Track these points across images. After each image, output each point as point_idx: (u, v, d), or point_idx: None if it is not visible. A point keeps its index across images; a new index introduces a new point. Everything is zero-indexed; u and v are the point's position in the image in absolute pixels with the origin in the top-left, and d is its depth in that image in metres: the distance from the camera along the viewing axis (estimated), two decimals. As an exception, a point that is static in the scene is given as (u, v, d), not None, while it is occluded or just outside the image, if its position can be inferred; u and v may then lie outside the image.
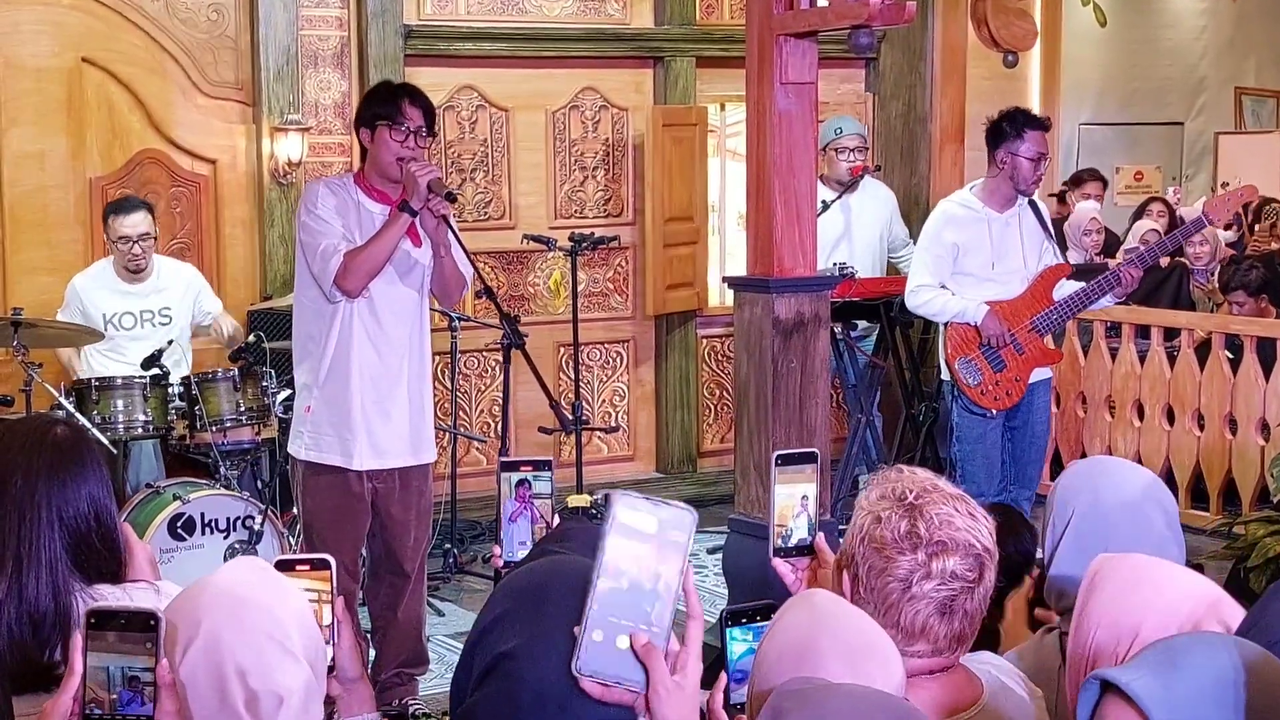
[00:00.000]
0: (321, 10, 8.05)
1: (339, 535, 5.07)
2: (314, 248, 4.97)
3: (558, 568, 2.14)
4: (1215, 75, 12.13)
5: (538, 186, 8.67)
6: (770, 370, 5.80)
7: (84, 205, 7.64)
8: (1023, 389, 6.47)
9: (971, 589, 2.34)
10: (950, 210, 6.54)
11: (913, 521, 2.33)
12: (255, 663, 2.04)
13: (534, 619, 2.05)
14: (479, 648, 2.08)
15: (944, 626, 2.34)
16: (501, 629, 2.06)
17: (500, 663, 2.03)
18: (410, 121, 4.98)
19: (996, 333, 6.38)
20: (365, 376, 5.06)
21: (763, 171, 5.84)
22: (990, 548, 2.36)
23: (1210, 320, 8.20)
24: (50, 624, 2.68)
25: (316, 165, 8.05)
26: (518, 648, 2.02)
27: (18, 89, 7.48)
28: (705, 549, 7.76)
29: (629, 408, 9.02)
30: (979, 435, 6.46)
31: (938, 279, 6.48)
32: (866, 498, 2.42)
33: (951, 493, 2.39)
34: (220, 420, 6.37)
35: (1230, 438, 7.70)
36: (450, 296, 5.24)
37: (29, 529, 2.71)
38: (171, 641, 2.05)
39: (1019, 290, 6.47)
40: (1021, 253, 6.48)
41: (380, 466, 5.12)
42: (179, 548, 6.12)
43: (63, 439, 2.80)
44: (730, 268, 9.06)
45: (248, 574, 2.16)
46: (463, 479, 7.75)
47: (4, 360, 6.97)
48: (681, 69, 8.85)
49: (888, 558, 2.34)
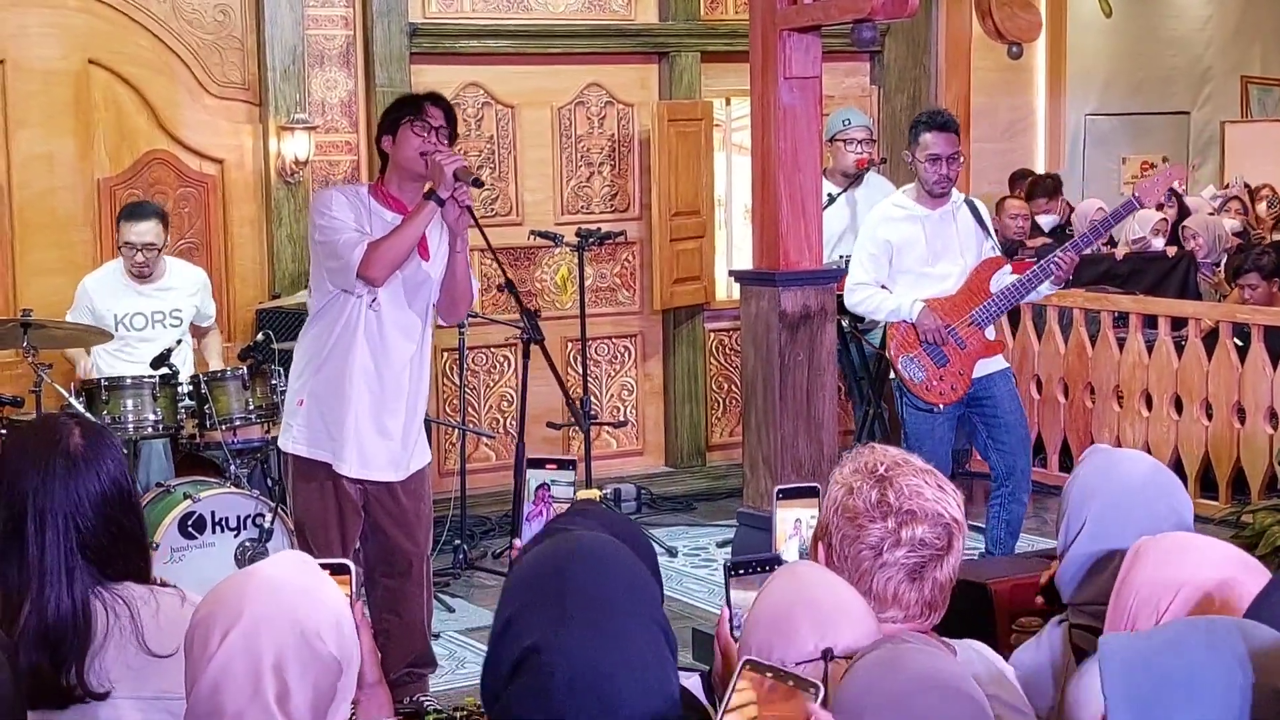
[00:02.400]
0: (327, 9, 8.08)
1: (329, 536, 5.04)
2: (333, 244, 4.91)
3: (568, 549, 2.11)
4: (1221, 64, 12.12)
5: (544, 183, 8.69)
6: (777, 363, 5.82)
7: (92, 206, 7.67)
8: (968, 382, 6.53)
9: (940, 557, 2.43)
10: (885, 210, 6.67)
11: (883, 491, 2.43)
12: (292, 657, 2.05)
13: (554, 606, 2.01)
14: (503, 645, 2.05)
15: (914, 593, 2.42)
16: (523, 622, 2.03)
17: (528, 657, 1.99)
18: (432, 119, 4.98)
19: (932, 328, 6.45)
20: (363, 388, 4.97)
21: (768, 166, 5.86)
22: (959, 518, 2.45)
23: (1217, 309, 8.21)
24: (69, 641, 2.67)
25: (323, 164, 8.07)
26: (542, 639, 1.99)
27: (25, 91, 7.50)
28: (715, 542, 7.78)
29: (637, 402, 9.03)
30: (927, 431, 6.52)
31: (874, 278, 6.57)
32: (840, 472, 2.52)
33: (921, 467, 2.48)
34: (230, 419, 6.39)
35: (1238, 427, 7.70)
36: (456, 307, 5.13)
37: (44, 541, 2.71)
38: (209, 626, 2.05)
39: (957, 284, 6.53)
40: (959, 248, 6.56)
41: (368, 478, 5.07)
42: (190, 546, 6.14)
43: (75, 449, 2.78)
44: (737, 261, 9.07)
45: (293, 569, 2.16)
46: (472, 475, 7.77)
47: (14, 361, 7.00)
48: (687, 64, 8.86)
49: (860, 526, 2.43)
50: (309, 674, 2.06)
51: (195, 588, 2.86)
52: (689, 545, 7.84)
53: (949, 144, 6.46)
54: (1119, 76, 11.49)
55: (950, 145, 6.46)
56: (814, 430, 5.88)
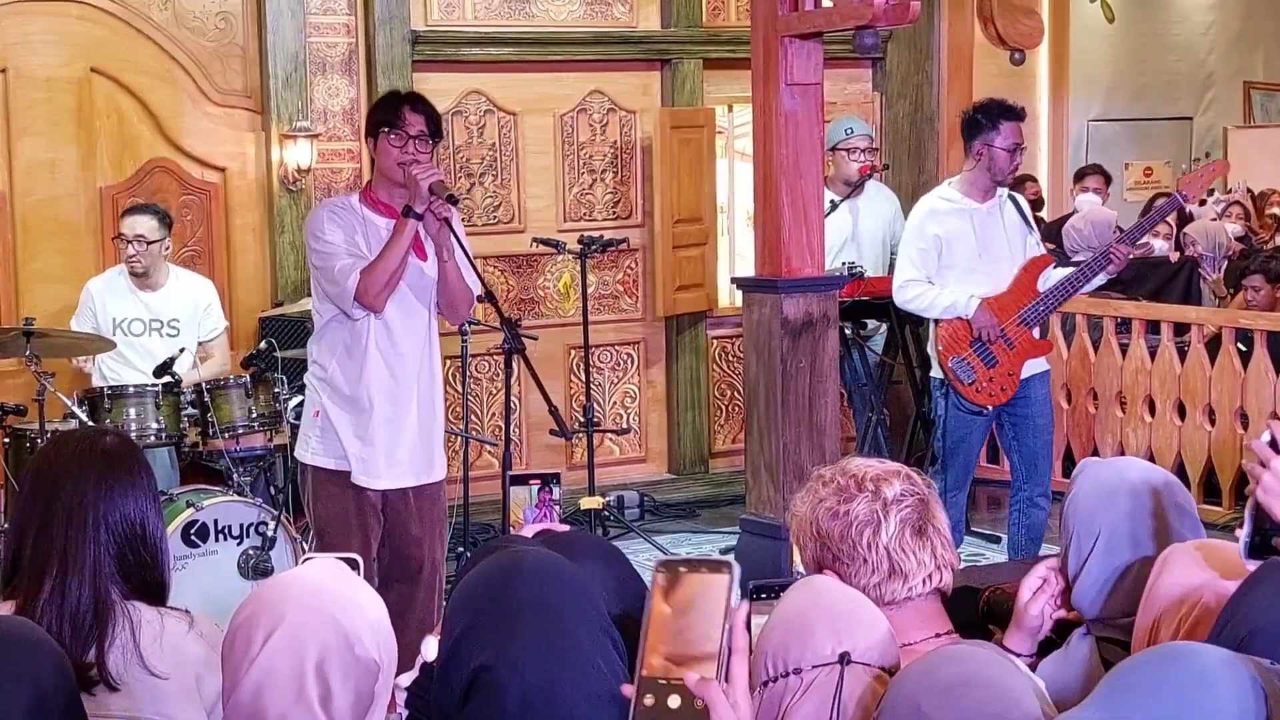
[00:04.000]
0: (329, 17, 8.08)
1: (350, 545, 5.05)
2: (328, 271, 4.96)
3: (511, 563, 2.10)
4: (1224, 70, 12.11)
5: (546, 190, 8.69)
6: (780, 370, 5.83)
7: (95, 214, 7.67)
8: (1016, 383, 6.48)
9: (927, 503, 2.50)
10: (932, 204, 6.55)
11: (841, 482, 2.51)
12: (335, 659, 2.04)
13: (503, 624, 2.02)
14: (452, 665, 2.04)
15: (926, 551, 2.47)
16: (471, 642, 2.03)
17: (479, 675, 1.99)
18: (410, 127, 4.98)
19: (988, 325, 6.38)
20: (380, 397, 5.02)
21: (770, 172, 5.87)
22: (916, 478, 2.53)
23: (1220, 315, 8.20)
24: (89, 626, 2.71)
25: (326, 172, 8.08)
26: (493, 657, 1.99)
27: (28, 99, 7.51)
28: (718, 550, 7.77)
29: (640, 409, 9.03)
30: (965, 432, 6.49)
31: (924, 273, 6.47)
32: (798, 510, 2.57)
33: (859, 460, 2.57)
34: (233, 427, 6.39)
35: (1242, 432, 7.69)
36: (456, 310, 5.15)
37: (75, 533, 2.74)
38: (251, 628, 2.05)
39: (1006, 281, 6.48)
40: (1006, 242, 6.50)
41: (390, 486, 5.10)
42: (193, 554, 6.13)
43: (112, 448, 2.84)
44: (740, 268, 9.07)
45: (330, 574, 2.17)
46: (474, 483, 7.76)
47: (17, 369, 7.00)
48: (689, 71, 8.86)
49: (843, 515, 2.47)
50: (350, 676, 2.05)
51: (198, 596, 2.88)
52: (692, 553, 7.83)
53: (1022, 134, 6.47)
54: (1121, 82, 11.48)
55: (1022, 135, 6.47)
56: (816, 437, 5.89)
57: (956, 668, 1.98)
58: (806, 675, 2.12)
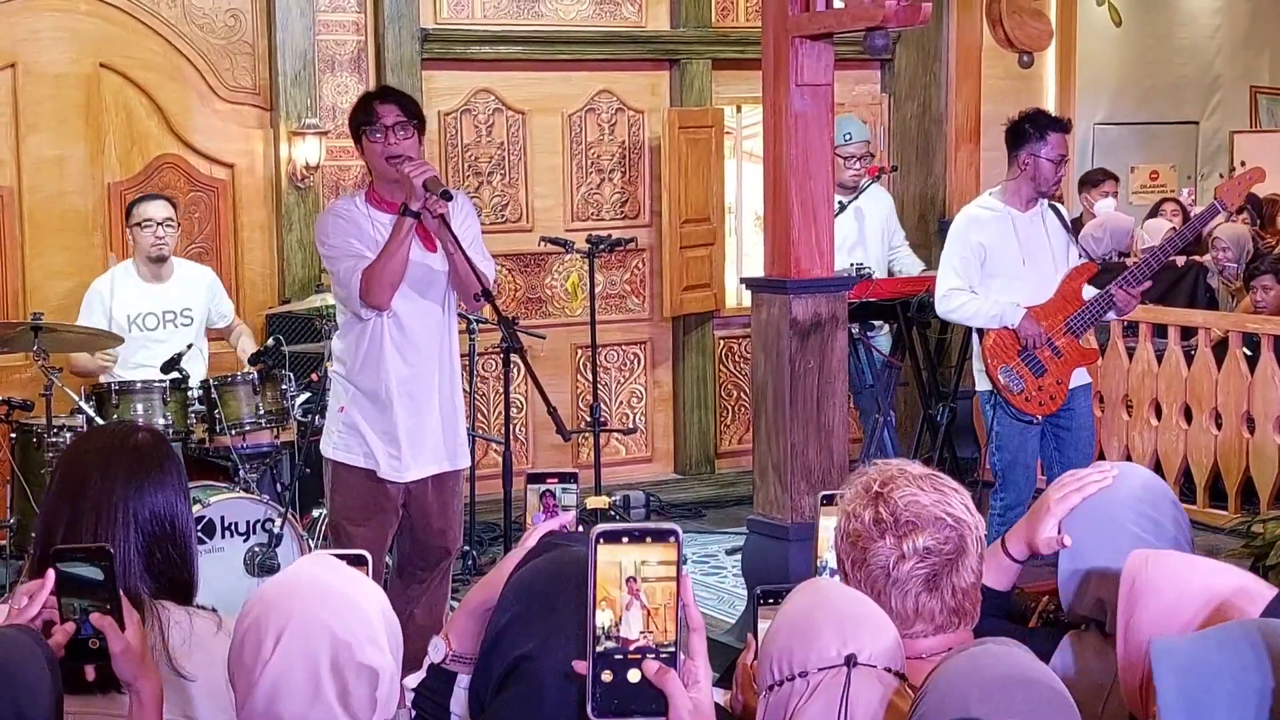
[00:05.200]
0: (338, 15, 8.09)
1: (365, 535, 5.08)
2: (336, 275, 5.09)
3: (565, 562, 2.12)
4: (1230, 74, 12.10)
5: (554, 189, 8.69)
6: (788, 371, 5.81)
7: (103, 210, 7.68)
8: (1065, 392, 6.42)
9: (953, 561, 2.38)
10: (974, 213, 6.52)
11: (877, 509, 2.39)
12: (348, 656, 2.03)
13: (548, 616, 2.04)
14: (495, 653, 2.06)
15: (936, 602, 2.38)
16: (516, 631, 2.05)
17: (520, 664, 2.02)
18: (383, 119, 5.01)
19: (1034, 334, 6.32)
20: (398, 387, 5.06)
21: (779, 173, 5.85)
22: (963, 517, 2.39)
23: (1227, 319, 8.19)
24: None
25: (334, 169, 8.08)
26: (536, 648, 2.01)
27: (37, 95, 7.52)
28: (724, 550, 7.78)
29: (647, 409, 9.03)
30: (1020, 444, 6.42)
31: (967, 282, 6.42)
32: (842, 496, 2.49)
33: (918, 474, 2.43)
34: (239, 423, 6.39)
35: (1248, 436, 7.69)
36: (470, 297, 5.19)
37: (105, 528, 2.71)
38: (260, 632, 2.03)
39: (1049, 288, 6.44)
40: (1050, 251, 6.46)
41: (415, 478, 5.13)
42: (199, 551, 6.11)
43: (143, 443, 2.81)
44: (747, 269, 9.07)
45: (328, 569, 2.15)
46: (481, 481, 7.76)
47: (25, 364, 7.00)
48: (697, 71, 8.86)
49: (863, 549, 2.40)
50: (364, 672, 2.05)
51: (204, 593, 2.86)
52: (698, 553, 7.83)
53: (1067, 146, 6.47)
54: (1128, 85, 11.47)
55: (1067, 147, 6.48)
56: (824, 438, 5.87)
57: (1002, 668, 1.97)
58: (812, 678, 2.11)
